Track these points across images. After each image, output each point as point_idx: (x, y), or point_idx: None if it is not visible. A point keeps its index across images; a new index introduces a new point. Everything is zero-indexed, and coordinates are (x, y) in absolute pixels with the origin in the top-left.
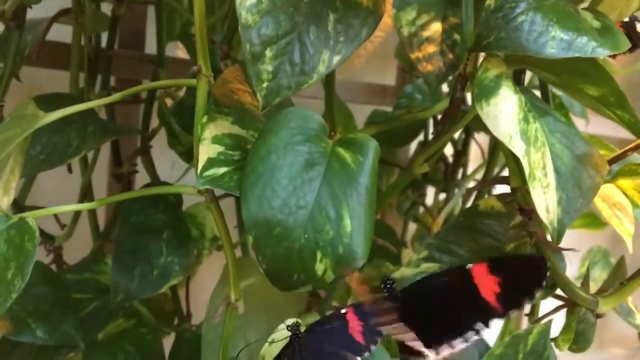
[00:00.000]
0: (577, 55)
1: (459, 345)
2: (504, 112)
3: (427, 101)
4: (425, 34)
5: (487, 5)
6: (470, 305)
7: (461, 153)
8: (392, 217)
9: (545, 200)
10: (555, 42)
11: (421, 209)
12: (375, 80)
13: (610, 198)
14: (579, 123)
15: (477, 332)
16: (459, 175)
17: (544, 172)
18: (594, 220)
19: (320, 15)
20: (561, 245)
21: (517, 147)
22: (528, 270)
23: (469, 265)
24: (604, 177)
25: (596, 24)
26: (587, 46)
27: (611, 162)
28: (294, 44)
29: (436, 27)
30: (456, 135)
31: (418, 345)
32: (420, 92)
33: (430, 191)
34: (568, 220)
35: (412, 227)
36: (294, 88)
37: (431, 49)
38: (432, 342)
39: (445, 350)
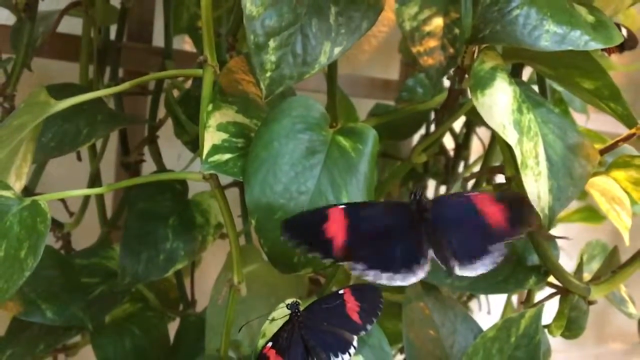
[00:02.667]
0: (569, 48)
1: (490, 262)
2: (499, 103)
3: (428, 94)
4: (427, 28)
5: (483, 0)
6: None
7: (462, 147)
8: None
9: (537, 187)
10: (549, 35)
11: None
12: (380, 75)
13: (608, 192)
14: (581, 119)
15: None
16: (460, 169)
17: (536, 160)
18: (593, 214)
19: (322, 8)
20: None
21: (510, 136)
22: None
23: (473, 195)
24: (595, 166)
25: (590, 18)
26: (580, 40)
27: (602, 152)
28: (296, 35)
29: (438, 22)
30: (457, 129)
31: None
32: (421, 86)
33: (432, 184)
34: (559, 207)
35: None
36: (296, 78)
37: (432, 43)
38: (464, 257)
39: (481, 268)
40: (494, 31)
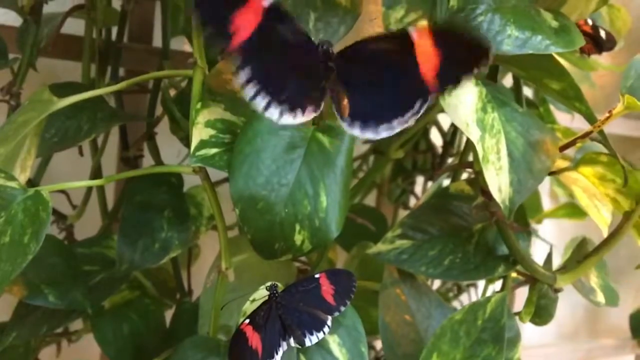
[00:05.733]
0: (530, 52)
1: (398, 126)
2: (463, 102)
3: None
4: None
5: (450, 6)
6: (407, 81)
7: (450, 144)
8: (387, 206)
9: (498, 181)
10: (511, 40)
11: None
12: None
13: (590, 189)
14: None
15: (417, 112)
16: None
17: (497, 156)
18: (577, 210)
19: (302, 14)
20: (549, 233)
21: (473, 134)
22: (471, 48)
23: (412, 33)
24: (555, 161)
25: (555, 23)
26: (540, 44)
27: (562, 148)
28: None
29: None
30: (446, 127)
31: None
32: None
33: (420, 180)
34: (519, 199)
35: (405, 213)
36: None
37: None
38: (369, 118)
39: (385, 131)
40: None
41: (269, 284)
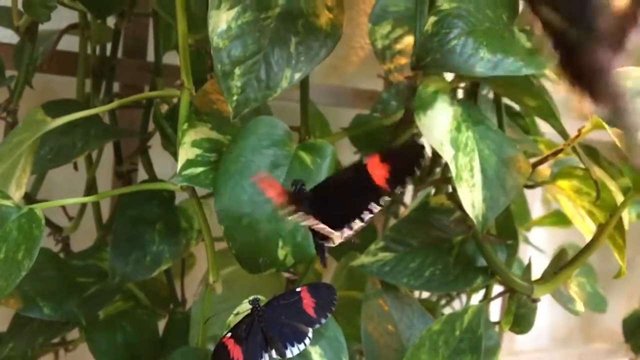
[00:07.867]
0: (502, 73)
1: (357, 225)
2: (438, 123)
3: (401, 108)
4: (398, 47)
5: (425, 31)
6: (366, 192)
7: (438, 155)
8: (378, 216)
9: (471, 197)
10: (484, 62)
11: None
12: (366, 86)
13: (575, 199)
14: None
15: (371, 211)
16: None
17: (471, 173)
18: (563, 218)
19: (284, 39)
20: (541, 239)
21: (446, 153)
22: (410, 156)
23: (365, 160)
24: (527, 178)
25: (529, 44)
26: (512, 66)
27: (535, 165)
28: (260, 63)
29: (408, 40)
30: None
31: (325, 229)
32: (395, 99)
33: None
34: (492, 214)
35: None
36: (260, 100)
37: (403, 60)
38: (336, 227)
39: (347, 232)
40: (434, 59)
41: (251, 297)
